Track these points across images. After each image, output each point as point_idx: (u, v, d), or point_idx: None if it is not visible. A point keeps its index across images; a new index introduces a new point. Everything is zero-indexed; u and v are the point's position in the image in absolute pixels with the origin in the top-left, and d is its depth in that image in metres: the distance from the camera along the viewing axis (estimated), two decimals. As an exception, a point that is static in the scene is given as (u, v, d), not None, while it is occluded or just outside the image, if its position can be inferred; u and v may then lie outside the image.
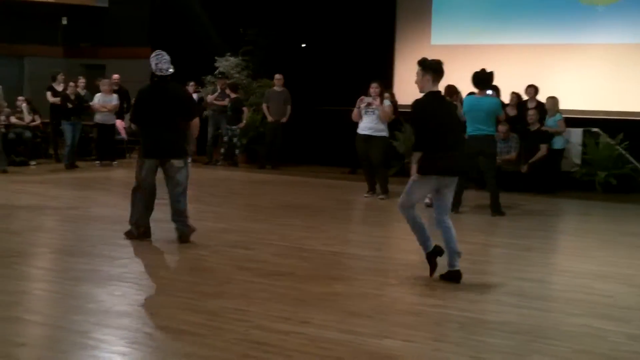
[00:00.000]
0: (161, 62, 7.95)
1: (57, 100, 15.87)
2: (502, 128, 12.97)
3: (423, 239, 6.89)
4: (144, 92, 8.30)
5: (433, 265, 6.93)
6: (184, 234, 8.23)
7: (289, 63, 17.49)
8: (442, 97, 7.00)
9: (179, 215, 8.24)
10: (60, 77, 16.32)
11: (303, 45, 18.60)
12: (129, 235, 8.22)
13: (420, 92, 6.85)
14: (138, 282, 6.57)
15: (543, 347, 5.14)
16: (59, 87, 16.09)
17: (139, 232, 8.22)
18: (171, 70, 8.04)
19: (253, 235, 8.77)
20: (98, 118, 15.97)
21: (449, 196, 6.91)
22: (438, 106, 6.82)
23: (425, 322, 5.67)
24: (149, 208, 8.26)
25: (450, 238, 6.84)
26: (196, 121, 8.34)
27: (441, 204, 6.88)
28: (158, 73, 8.01)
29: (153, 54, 8.05)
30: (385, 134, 12.37)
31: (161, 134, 8.01)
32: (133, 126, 8.57)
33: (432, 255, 6.91)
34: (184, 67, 18.14)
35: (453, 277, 6.80)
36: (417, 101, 6.88)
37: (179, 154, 8.13)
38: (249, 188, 13.78)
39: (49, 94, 16.05)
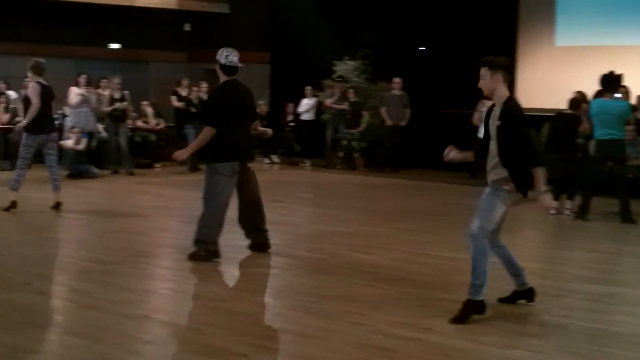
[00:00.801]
0: (231, 54, 7.51)
1: (181, 104, 16.23)
2: (629, 127, 12.48)
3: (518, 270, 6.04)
4: (219, 93, 7.68)
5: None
6: (267, 244, 7.79)
7: (407, 66, 17.37)
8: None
9: (264, 224, 7.78)
10: (184, 81, 16.68)
11: (422, 48, 18.45)
12: (193, 257, 7.36)
13: (489, 95, 5.86)
14: (260, 284, 6.64)
15: (679, 362, 4.92)
16: (184, 92, 16.45)
17: (210, 251, 7.41)
18: (241, 64, 7.61)
19: (373, 240, 8.72)
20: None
21: None
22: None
23: (552, 332, 5.49)
24: (223, 224, 7.55)
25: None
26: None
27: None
28: (228, 64, 7.49)
29: (221, 50, 7.57)
30: (507, 138, 12.10)
31: (243, 135, 7.57)
32: (209, 131, 7.44)
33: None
34: (303, 70, 18.41)
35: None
36: (518, 108, 5.83)
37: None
38: (367, 192, 13.75)
39: (173, 98, 16.40)
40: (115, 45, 22.45)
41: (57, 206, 10.04)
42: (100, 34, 21.84)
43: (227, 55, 7.48)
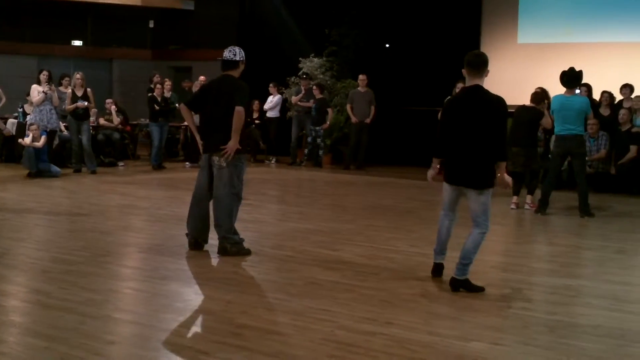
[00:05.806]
0: (225, 51, 7.64)
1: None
2: (592, 121, 12.65)
3: None
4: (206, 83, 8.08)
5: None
6: (221, 249, 7.64)
7: (373, 63, 17.45)
8: None
9: (215, 226, 7.66)
10: (155, 78, 16.57)
11: (387, 45, 18.54)
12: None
13: None
14: (225, 282, 6.62)
15: (636, 352, 5.00)
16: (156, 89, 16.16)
17: (190, 243, 7.83)
18: (231, 57, 7.58)
19: (338, 236, 8.76)
20: (187, 120, 16.01)
21: None
22: None
23: (512, 325, 5.56)
24: (197, 216, 7.74)
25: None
26: (237, 111, 7.33)
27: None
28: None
29: None
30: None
31: (209, 125, 7.62)
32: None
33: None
34: (268, 67, 18.38)
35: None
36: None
37: (219, 148, 7.46)
38: (333, 189, 13.79)
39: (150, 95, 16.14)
40: (77, 43, 22.28)
41: None
42: (62, 31, 21.67)
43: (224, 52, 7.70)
